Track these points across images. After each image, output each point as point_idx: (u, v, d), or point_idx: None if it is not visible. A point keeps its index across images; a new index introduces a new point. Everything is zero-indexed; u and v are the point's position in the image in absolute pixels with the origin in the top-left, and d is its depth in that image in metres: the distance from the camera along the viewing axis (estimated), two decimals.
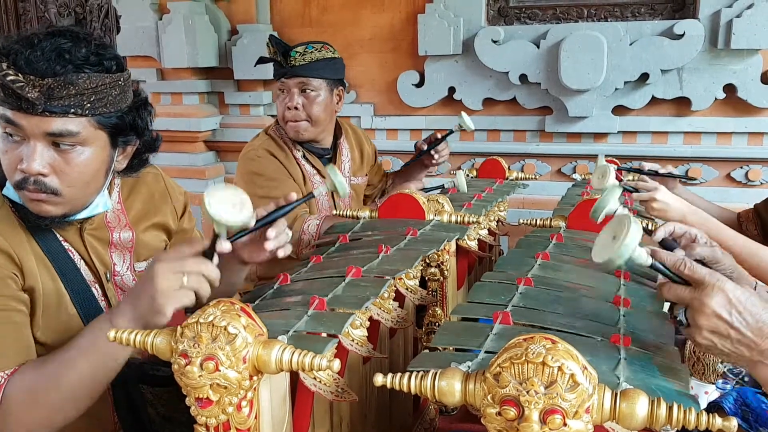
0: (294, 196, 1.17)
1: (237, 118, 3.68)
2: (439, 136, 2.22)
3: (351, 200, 2.34)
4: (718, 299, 0.84)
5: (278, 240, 1.13)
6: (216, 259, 1.02)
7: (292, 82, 2.09)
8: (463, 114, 2.16)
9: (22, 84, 1.01)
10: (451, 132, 2.20)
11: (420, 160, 2.29)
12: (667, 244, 1.19)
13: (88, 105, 1.07)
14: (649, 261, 0.88)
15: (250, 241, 1.17)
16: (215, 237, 1.01)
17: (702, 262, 1.14)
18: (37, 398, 1.02)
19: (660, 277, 0.94)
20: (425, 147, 2.22)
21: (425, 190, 2.15)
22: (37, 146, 1.07)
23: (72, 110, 1.06)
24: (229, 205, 0.97)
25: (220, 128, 3.68)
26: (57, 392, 1.02)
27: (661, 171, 2.05)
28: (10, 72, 1.01)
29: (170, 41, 3.44)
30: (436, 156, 2.24)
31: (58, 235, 1.20)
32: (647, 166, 2.08)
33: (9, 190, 1.14)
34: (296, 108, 2.09)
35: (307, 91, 2.09)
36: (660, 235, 1.20)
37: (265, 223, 1.11)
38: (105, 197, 1.24)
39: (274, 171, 2.09)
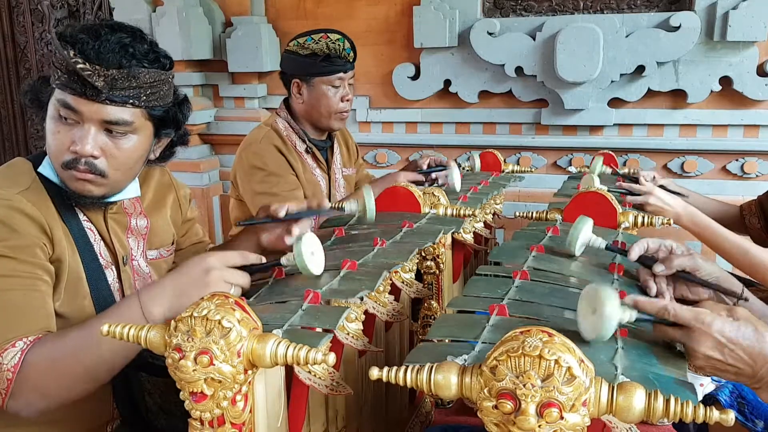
0: (327, 204, 1.31)
1: (232, 111, 3.66)
2: (443, 160, 2.11)
3: (344, 191, 2.40)
4: (708, 344, 0.84)
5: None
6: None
7: (348, 75, 2.20)
8: (474, 155, 2.18)
9: (90, 72, 1.08)
10: (460, 165, 2.10)
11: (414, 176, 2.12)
12: (644, 261, 1.17)
13: (144, 98, 1.16)
14: (635, 316, 0.87)
15: (273, 230, 1.32)
16: (275, 264, 1.11)
17: (683, 272, 1.12)
18: (57, 367, 1.03)
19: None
20: (424, 167, 2.11)
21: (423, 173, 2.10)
22: (92, 130, 1.14)
23: (131, 101, 1.14)
24: (310, 252, 1.06)
25: (215, 121, 3.66)
26: (79, 363, 1.03)
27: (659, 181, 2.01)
28: (80, 60, 1.08)
29: (164, 33, 3.41)
30: (438, 182, 2.07)
31: (81, 216, 1.25)
32: (643, 173, 2.01)
33: (45, 169, 1.21)
34: (349, 100, 2.20)
35: (351, 82, 2.23)
36: (635, 253, 1.17)
37: (292, 218, 1.27)
38: (136, 184, 1.33)
39: (276, 167, 2.10)
